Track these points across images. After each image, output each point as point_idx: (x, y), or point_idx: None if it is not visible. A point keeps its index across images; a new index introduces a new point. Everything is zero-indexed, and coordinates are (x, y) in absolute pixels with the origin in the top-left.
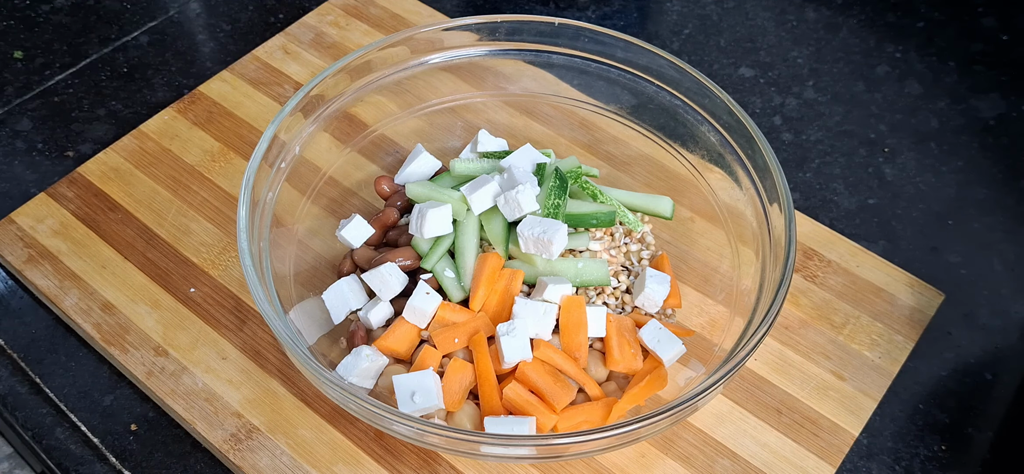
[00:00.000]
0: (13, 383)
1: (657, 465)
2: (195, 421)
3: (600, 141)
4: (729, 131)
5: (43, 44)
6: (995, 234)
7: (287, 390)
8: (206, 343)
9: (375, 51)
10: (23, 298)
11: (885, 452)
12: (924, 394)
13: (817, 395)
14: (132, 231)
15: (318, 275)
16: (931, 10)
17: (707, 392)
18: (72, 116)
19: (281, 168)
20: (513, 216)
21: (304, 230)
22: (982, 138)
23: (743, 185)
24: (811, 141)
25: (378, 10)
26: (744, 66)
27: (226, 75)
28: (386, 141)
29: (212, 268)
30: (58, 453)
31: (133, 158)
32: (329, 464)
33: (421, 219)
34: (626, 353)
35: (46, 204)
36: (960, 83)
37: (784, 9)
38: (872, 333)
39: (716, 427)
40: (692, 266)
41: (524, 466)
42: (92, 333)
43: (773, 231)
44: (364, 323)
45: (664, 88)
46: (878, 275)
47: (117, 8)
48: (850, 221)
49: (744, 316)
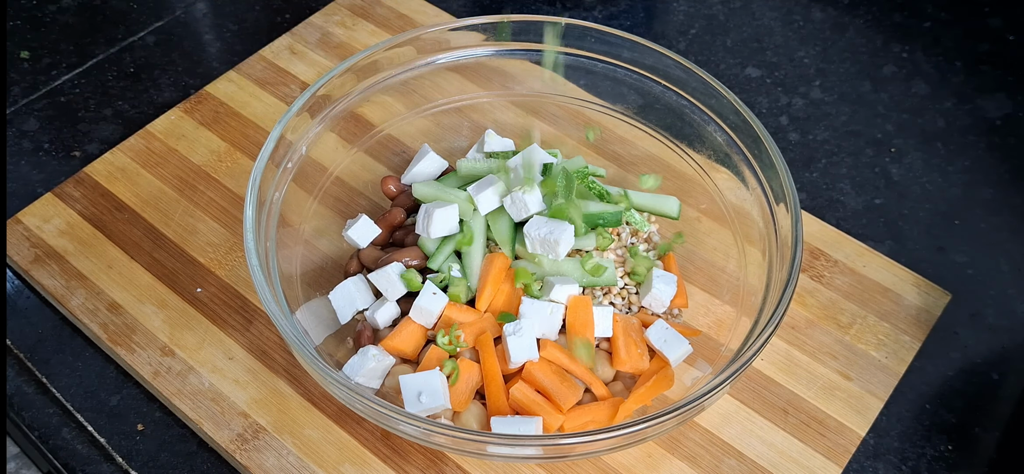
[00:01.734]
0: (20, 383)
1: (664, 465)
2: (202, 421)
3: (607, 141)
4: (736, 131)
5: (49, 44)
6: (1002, 234)
7: (293, 390)
8: (213, 343)
9: (382, 51)
10: (29, 298)
11: (892, 452)
12: (931, 394)
13: (824, 395)
14: (139, 231)
15: (325, 275)
16: (938, 10)
17: (714, 392)
18: (78, 116)
19: (288, 168)
20: (520, 216)
21: (310, 230)
22: (989, 138)
23: (750, 185)
24: (818, 141)
25: (384, 10)
26: (751, 66)
27: (232, 75)
28: (393, 141)
29: (219, 268)
30: (65, 453)
31: (140, 158)
32: (335, 464)
33: (428, 219)
34: (632, 353)
35: (53, 204)
36: (967, 83)
37: (791, 9)
38: (879, 333)
39: (722, 427)
40: (699, 266)
41: (530, 466)
42: (99, 333)
43: (780, 231)
44: (371, 323)
45: (671, 88)
46: (885, 275)
47: (124, 8)
48: (857, 221)
49: (751, 316)
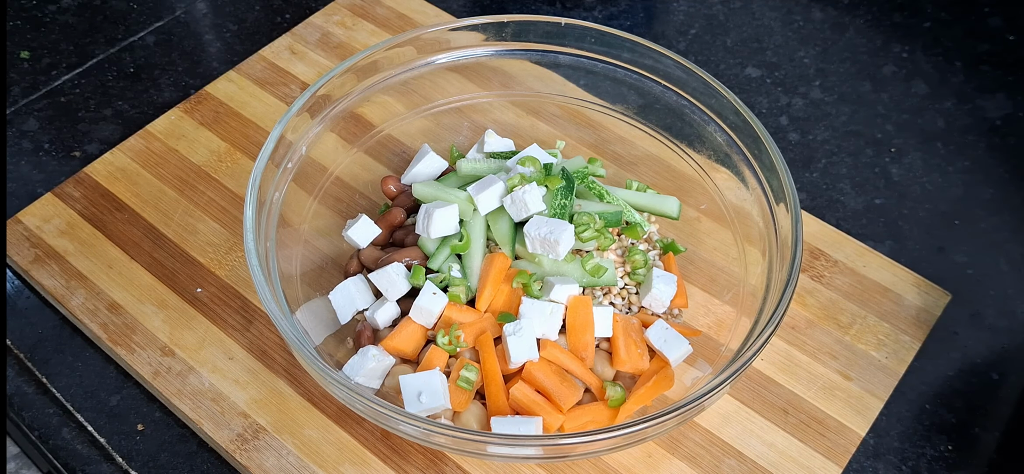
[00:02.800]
0: (20, 383)
1: (664, 465)
2: (202, 421)
3: (606, 141)
4: (736, 131)
5: (50, 44)
6: (1002, 234)
7: (293, 390)
8: (213, 343)
9: (382, 51)
10: (30, 298)
11: (892, 452)
12: (931, 394)
13: (824, 395)
14: (139, 231)
15: (324, 275)
16: (938, 10)
17: (714, 392)
18: (79, 116)
19: (288, 168)
20: (520, 216)
21: (310, 230)
22: (989, 138)
23: (750, 185)
24: (818, 141)
25: (384, 10)
26: (751, 66)
27: (232, 75)
28: (392, 141)
29: (219, 268)
30: (65, 453)
31: (140, 158)
32: (335, 464)
33: (428, 219)
34: (632, 353)
35: (53, 204)
36: (966, 83)
37: (791, 9)
38: (879, 333)
39: (722, 427)
40: (699, 266)
41: (530, 466)
42: (99, 333)
43: (780, 231)
44: (371, 323)
45: (670, 88)
46: (885, 275)
47: (124, 8)
48: (857, 221)
49: (751, 316)
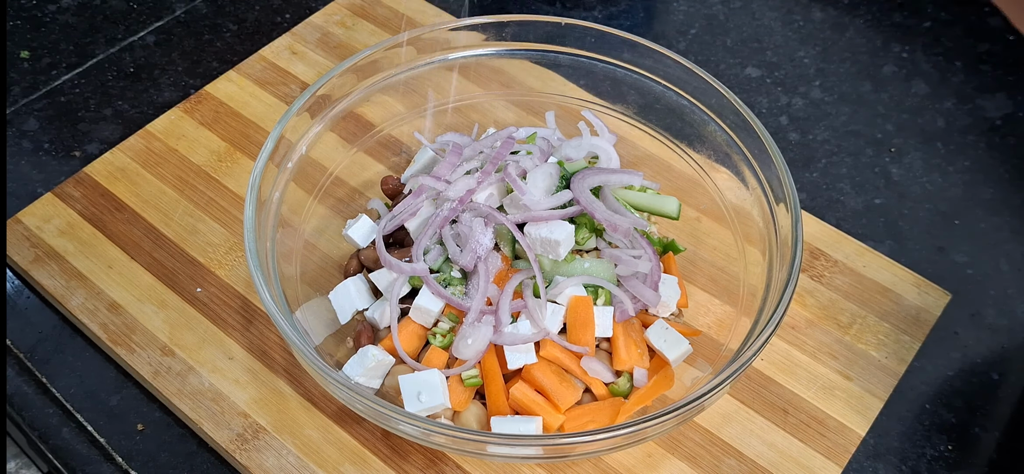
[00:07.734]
0: (20, 383)
1: (663, 465)
2: (201, 421)
3: None
4: (736, 131)
5: (49, 44)
6: (1002, 234)
7: (293, 390)
8: (212, 343)
9: (382, 51)
10: (29, 298)
11: (892, 452)
12: (931, 394)
13: (823, 395)
14: (139, 231)
15: (324, 275)
16: (938, 10)
17: (713, 392)
18: (79, 116)
19: (288, 168)
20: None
21: (310, 230)
22: (989, 138)
23: (750, 185)
24: (817, 141)
25: (384, 10)
26: (751, 66)
27: (232, 75)
28: (392, 141)
29: (219, 268)
30: (65, 453)
31: (140, 158)
32: (336, 464)
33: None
34: (633, 353)
35: (53, 204)
36: (967, 83)
37: (791, 9)
38: (879, 333)
39: (722, 427)
40: (699, 266)
41: (530, 466)
42: (99, 333)
43: (780, 231)
44: (371, 323)
45: (670, 88)
46: (885, 275)
47: (123, 8)
48: (857, 221)
49: (751, 316)
